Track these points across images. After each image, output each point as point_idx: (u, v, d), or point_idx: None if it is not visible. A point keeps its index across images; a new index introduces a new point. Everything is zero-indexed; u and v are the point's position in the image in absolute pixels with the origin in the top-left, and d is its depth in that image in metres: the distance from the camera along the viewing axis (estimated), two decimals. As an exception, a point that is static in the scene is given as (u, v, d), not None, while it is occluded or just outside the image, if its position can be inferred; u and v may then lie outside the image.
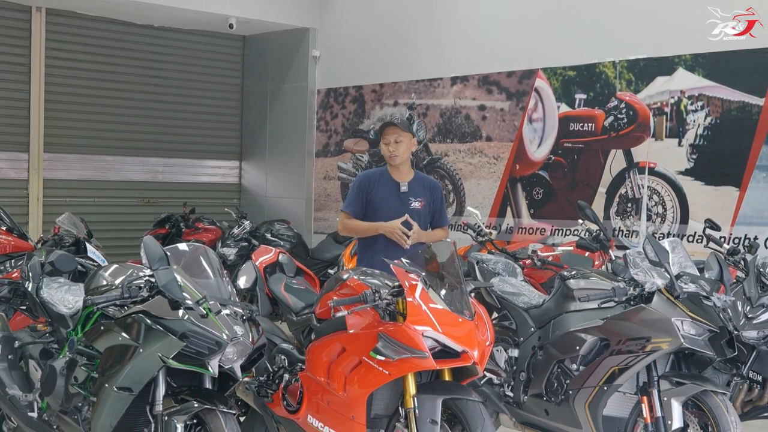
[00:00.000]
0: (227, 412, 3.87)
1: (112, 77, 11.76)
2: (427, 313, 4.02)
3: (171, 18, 11.62)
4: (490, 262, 6.24)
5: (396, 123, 5.44)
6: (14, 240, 7.51)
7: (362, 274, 4.54)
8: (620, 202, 8.82)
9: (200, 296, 3.96)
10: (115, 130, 11.83)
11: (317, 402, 4.41)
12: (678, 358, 4.76)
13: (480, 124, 10.11)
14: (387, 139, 5.37)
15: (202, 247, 4.44)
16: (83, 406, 4.27)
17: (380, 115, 11.15)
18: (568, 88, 9.24)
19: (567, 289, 5.26)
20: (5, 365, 4.97)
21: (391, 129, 5.38)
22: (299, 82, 12.09)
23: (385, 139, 5.39)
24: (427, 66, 10.63)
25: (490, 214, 9.91)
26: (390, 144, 5.36)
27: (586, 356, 4.90)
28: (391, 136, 5.36)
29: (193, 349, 3.86)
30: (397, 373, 4.00)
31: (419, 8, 10.67)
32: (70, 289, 4.96)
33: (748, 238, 7.74)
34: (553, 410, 5.07)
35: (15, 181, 11.05)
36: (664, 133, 8.47)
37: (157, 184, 12.28)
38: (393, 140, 5.35)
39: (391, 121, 5.46)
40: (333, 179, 11.82)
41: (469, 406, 4.01)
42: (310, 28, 11.87)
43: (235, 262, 9.20)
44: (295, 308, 5.08)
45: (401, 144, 5.36)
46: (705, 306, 4.58)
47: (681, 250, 4.92)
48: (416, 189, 5.44)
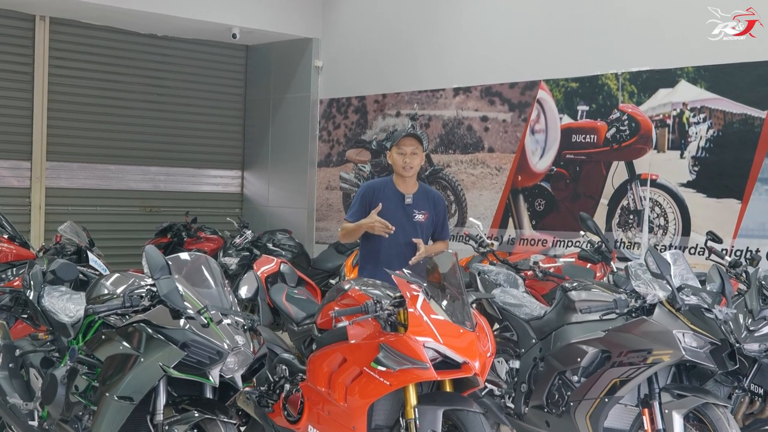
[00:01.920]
0: (228, 422, 3.86)
1: (115, 86, 11.77)
2: (428, 324, 4.02)
3: (174, 27, 11.65)
4: (492, 273, 6.24)
5: (418, 135, 5.37)
6: (16, 248, 7.51)
7: (364, 285, 4.54)
8: (622, 214, 8.82)
9: (201, 306, 3.96)
10: (117, 139, 11.84)
11: (318, 412, 4.41)
12: (679, 370, 4.76)
13: (482, 135, 10.12)
14: (404, 149, 5.27)
15: (204, 257, 4.44)
16: (84, 415, 4.27)
17: (383, 125, 11.16)
18: (570, 99, 9.25)
19: (568, 301, 5.26)
20: (6, 374, 4.97)
21: (410, 140, 5.29)
22: (302, 92, 12.10)
23: (401, 149, 5.28)
24: (430, 77, 10.64)
25: (492, 225, 9.91)
26: (407, 155, 5.27)
27: (587, 368, 4.90)
28: (409, 147, 5.27)
29: (194, 359, 3.86)
30: (398, 383, 4.00)
31: (422, 19, 10.68)
32: (71, 298, 4.96)
33: (750, 250, 7.74)
34: (554, 422, 5.06)
35: (17, 190, 11.05)
36: (666, 145, 8.47)
37: (159, 194, 12.28)
38: (410, 152, 5.27)
39: (414, 133, 5.36)
40: (335, 189, 11.82)
41: (470, 418, 4.01)
42: (313, 39, 11.89)
43: (236, 272, 9.19)
44: (296, 318, 5.08)
45: (417, 156, 5.29)
46: (706, 318, 4.58)
47: (683, 263, 4.92)
48: (420, 202, 5.39)
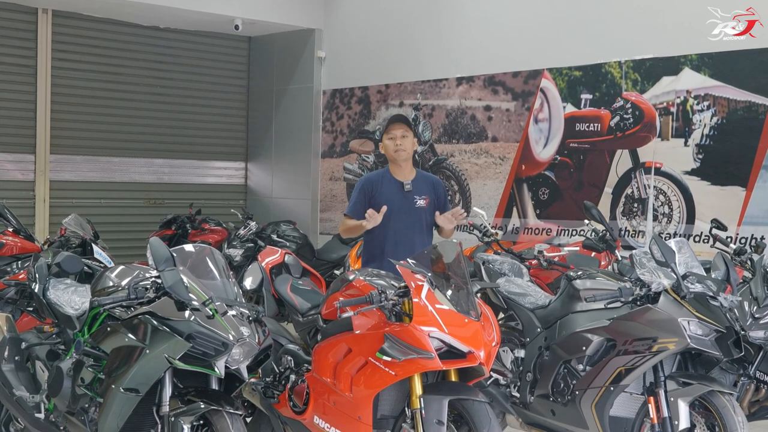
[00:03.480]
0: (234, 413, 3.87)
1: (118, 78, 11.78)
2: (433, 314, 4.02)
3: (177, 19, 11.64)
4: (496, 262, 6.24)
5: (405, 117, 5.46)
6: (21, 241, 7.53)
7: (368, 275, 4.53)
8: (626, 203, 8.81)
9: (206, 297, 3.96)
10: (121, 132, 11.85)
11: (323, 403, 4.41)
12: (685, 358, 4.76)
13: (486, 124, 10.10)
14: (393, 134, 5.31)
15: (209, 248, 4.44)
16: (90, 407, 4.27)
17: (386, 115, 11.13)
18: (573, 88, 9.23)
19: (573, 290, 5.26)
20: (12, 366, 4.98)
21: (397, 125, 5.34)
22: (305, 83, 12.09)
23: (390, 134, 5.33)
24: (433, 66, 10.62)
25: (496, 215, 9.91)
26: (396, 138, 5.30)
27: (592, 356, 4.90)
28: (398, 131, 5.31)
29: (200, 350, 3.86)
30: (404, 373, 4.00)
31: (425, 9, 10.66)
32: (76, 291, 4.97)
33: (755, 237, 7.73)
34: (559, 411, 5.07)
35: (21, 183, 11.07)
36: (670, 133, 8.45)
37: (163, 186, 12.30)
38: (400, 135, 5.30)
39: (400, 117, 5.44)
40: (339, 180, 11.82)
41: (475, 407, 4.01)
42: (316, 29, 11.88)
43: (241, 263, 9.20)
44: (301, 309, 5.08)
45: (407, 139, 5.31)
46: (711, 306, 4.57)
47: (687, 250, 4.91)
48: (420, 187, 5.40)
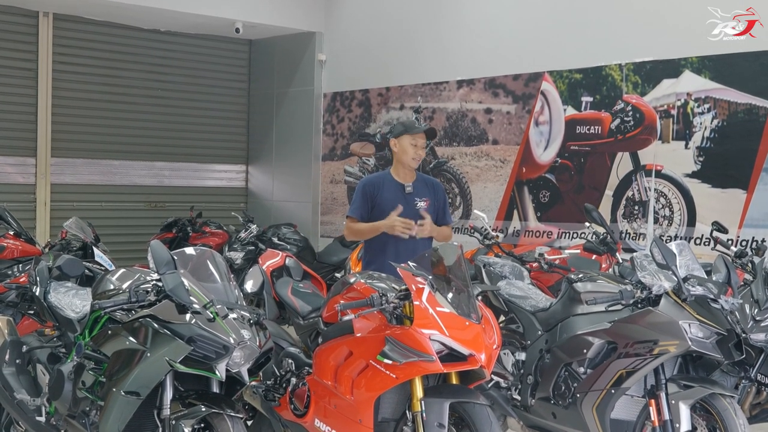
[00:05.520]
0: (234, 416, 3.87)
1: (118, 82, 11.79)
2: (434, 317, 4.02)
3: (177, 22, 11.64)
4: (497, 265, 6.24)
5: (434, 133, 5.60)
6: (22, 244, 7.52)
7: (369, 278, 4.53)
8: (627, 205, 8.81)
9: (207, 300, 3.97)
10: (122, 135, 11.85)
11: (324, 406, 4.41)
12: (686, 361, 4.75)
13: (486, 127, 10.11)
14: (418, 141, 5.43)
15: (209, 251, 4.44)
16: (91, 410, 4.28)
17: (386, 118, 11.15)
18: (574, 90, 9.23)
19: (574, 292, 5.26)
20: (13, 370, 4.98)
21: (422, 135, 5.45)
22: (305, 86, 12.10)
23: (415, 140, 5.42)
24: (434, 69, 10.63)
25: (497, 218, 9.90)
26: (419, 147, 5.44)
27: (593, 359, 4.90)
28: (423, 140, 5.44)
29: (201, 353, 3.86)
30: (405, 376, 4.00)
31: (425, 12, 10.67)
32: (77, 294, 4.97)
33: (756, 240, 7.72)
34: (560, 413, 5.06)
35: (22, 186, 11.07)
36: (671, 136, 8.45)
37: (164, 189, 12.30)
38: (422, 144, 5.45)
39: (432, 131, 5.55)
40: (339, 183, 11.82)
41: (476, 410, 4.01)
42: (316, 32, 11.89)
43: (242, 266, 9.21)
44: (302, 312, 5.08)
45: (424, 150, 5.48)
46: (712, 309, 4.57)
47: (688, 253, 4.91)
48: (420, 189, 5.49)
